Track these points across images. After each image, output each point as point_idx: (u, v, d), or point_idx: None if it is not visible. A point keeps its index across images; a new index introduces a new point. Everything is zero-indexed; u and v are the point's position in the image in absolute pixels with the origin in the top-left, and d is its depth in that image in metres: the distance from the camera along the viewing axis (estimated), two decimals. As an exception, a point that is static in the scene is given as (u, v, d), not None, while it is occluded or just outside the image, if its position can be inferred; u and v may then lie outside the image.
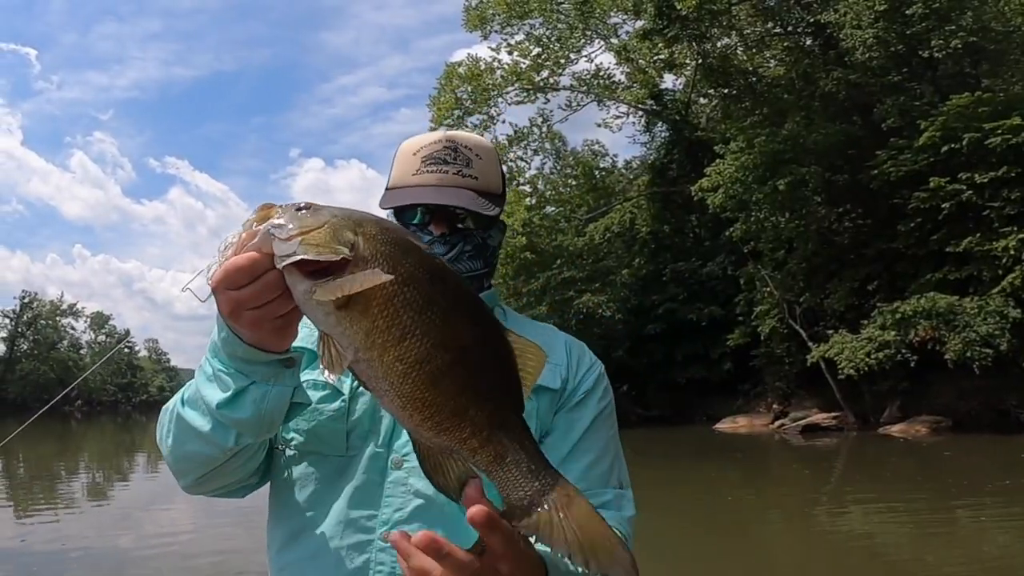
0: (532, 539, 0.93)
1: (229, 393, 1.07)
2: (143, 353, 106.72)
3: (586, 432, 1.32)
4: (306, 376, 1.21)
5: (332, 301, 0.81)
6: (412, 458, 1.22)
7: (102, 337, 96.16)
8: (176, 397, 1.21)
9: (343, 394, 1.27)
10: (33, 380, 78.77)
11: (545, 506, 0.88)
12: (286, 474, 1.32)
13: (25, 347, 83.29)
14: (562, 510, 0.88)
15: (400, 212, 1.38)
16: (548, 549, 0.90)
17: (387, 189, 1.41)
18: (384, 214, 1.37)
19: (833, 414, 22.08)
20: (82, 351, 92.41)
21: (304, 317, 0.92)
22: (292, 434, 1.29)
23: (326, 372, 0.84)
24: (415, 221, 1.35)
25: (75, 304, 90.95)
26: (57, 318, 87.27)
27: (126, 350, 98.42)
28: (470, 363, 0.86)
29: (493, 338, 0.89)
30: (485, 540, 0.88)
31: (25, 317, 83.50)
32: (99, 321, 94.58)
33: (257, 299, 0.89)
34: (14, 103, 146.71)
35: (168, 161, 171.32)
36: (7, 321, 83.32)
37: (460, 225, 1.34)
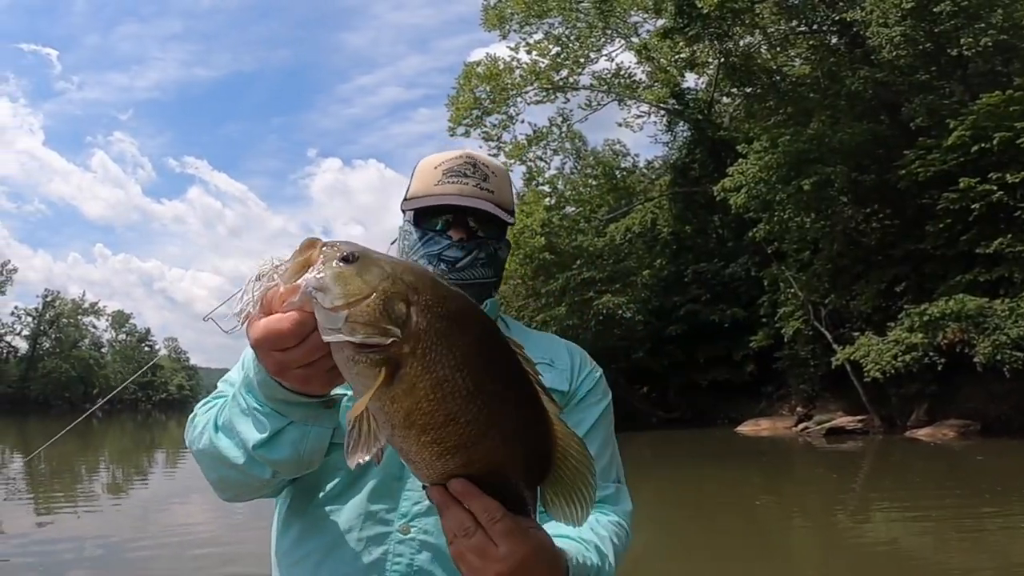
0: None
1: (266, 434, 1.07)
2: (163, 352, 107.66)
3: (589, 431, 1.37)
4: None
5: (375, 378, 0.77)
6: None
7: (123, 336, 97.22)
8: (207, 416, 1.23)
9: None
10: (55, 378, 79.80)
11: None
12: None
13: (47, 345, 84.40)
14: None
15: (421, 218, 1.44)
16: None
17: (406, 199, 1.48)
18: (405, 217, 1.47)
19: (858, 417, 21.75)
20: (103, 349, 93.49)
21: None
22: None
23: (349, 457, 0.80)
24: (437, 228, 1.41)
25: (96, 303, 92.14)
26: (79, 317, 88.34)
27: (146, 349, 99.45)
28: (508, 450, 0.84)
29: (537, 421, 0.86)
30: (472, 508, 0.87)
31: (47, 316, 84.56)
32: (120, 320, 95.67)
33: (306, 359, 0.87)
34: (36, 103, 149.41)
35: (187, 161, 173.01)
36: (30, 319, 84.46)
37: (476, 232, 1.41)
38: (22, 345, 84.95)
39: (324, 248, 0.80)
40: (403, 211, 1.49)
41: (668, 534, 9.04)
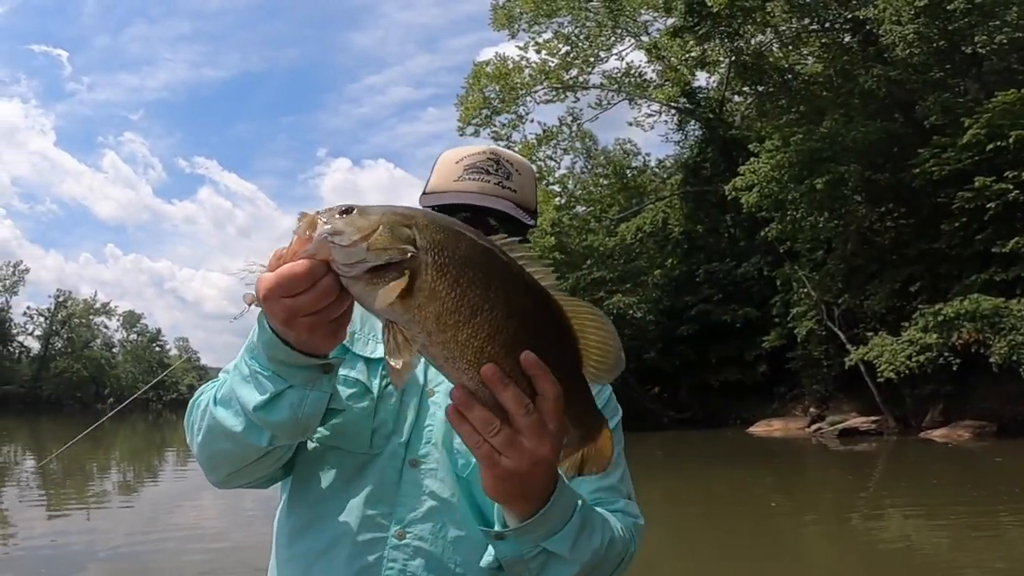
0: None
1: (267, 396, 1.08)
2: (173, 352, 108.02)
3: None
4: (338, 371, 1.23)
5: (399, 292, 0.85)
6: (429, 460, 1.29)
7: (134, 336, 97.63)
8: (207, 395, 1.23)
9: (372, 393, 1.31)
10: (67, 378, 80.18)
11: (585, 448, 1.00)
12: (306, 466, 1.33)
13: (59, 345, 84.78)
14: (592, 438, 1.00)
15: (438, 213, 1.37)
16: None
17: (424, 193, 1.47)
18: None
19: (872, 418, 21.54)
20: (114, 349, 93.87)
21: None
22: (319, 428, 1.28)
23: (390, 359, 0.88)
24: None
25: (108, 303, 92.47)
26: (90, 317, 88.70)
27: (157, 349, 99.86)
28: (533, 328, 0.91)
29: (546, 303, 0.93)
30: (537, 385, 0.91)
31: (59, 316, 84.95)
32: (131, 320, 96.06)
33: (315, 305, 0.90)
34: (47, 104, 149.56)
35: (197, 161, 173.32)
36: (42, 320, 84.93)
37: (496, 232, 1.35)
38: (34, 345, 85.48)
39: (322, 212, 0.89)
40: (421, 205, 1.44)
41: (679, 535, 8.99)
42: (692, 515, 10.55)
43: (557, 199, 30.80)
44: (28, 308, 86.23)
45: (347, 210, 0.88)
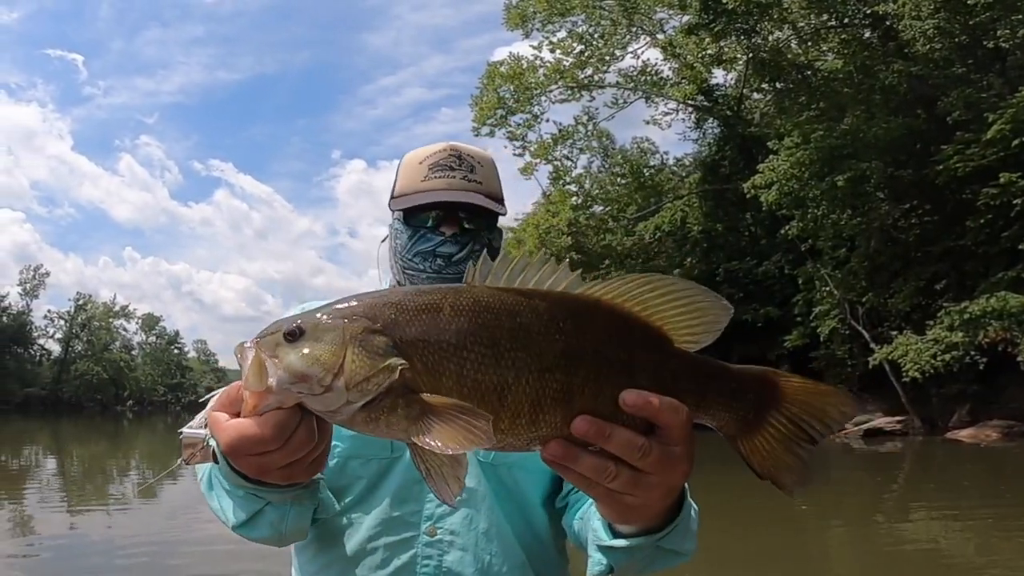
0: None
1: (244, 517, 1.07)
2: (192, 354, 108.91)
3: None
4: None
5: (405, 418, 0.70)
6: None
7: (153, 338, 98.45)
8: (204, 470, 1.17)
9: None
10: (87, 380, 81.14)
11: (757, 413, 0.80)
12: (330, 478, 1.31)
13: (79, 348, 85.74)
14: (775, 405, 0.80)
15: (410, 216, 1.41)
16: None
17: (393, 197, 1.45)
18: (394, 216, 1.45)
19: (898, 418, 21.28)
20: (133, 352, 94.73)
21: None
22: (336, 442, 1.27)
23: (440, 495, 0.72)
24: (427, 224, 1.38)
25: (127, 306, 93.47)
26: (110, 320, 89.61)
27: (176, 352, 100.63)
28: (585, 359, 0.74)
29: (588, 315, 0.75)
30: (649, 417, 0.75)
31: (79, 319, 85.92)
32: (150, 322, 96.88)
33: (290, 458, 0.79)
34: (64, 108, 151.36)
35: (212, 164, 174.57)
36: (62, 323, 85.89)
37: (467, 225, 1.38)
38: (55, 348, 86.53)
39: (260, 342, 0.73)
40: (391, 209, 1.46)
41: (699, 538, 8.82)
42: (713, 518, 10.26)
43: (574, 199, 30.60)
44: (49, 311, 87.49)
45: (293, 333, 0.72)
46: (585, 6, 29.12)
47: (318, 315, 0.74)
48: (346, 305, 0.75)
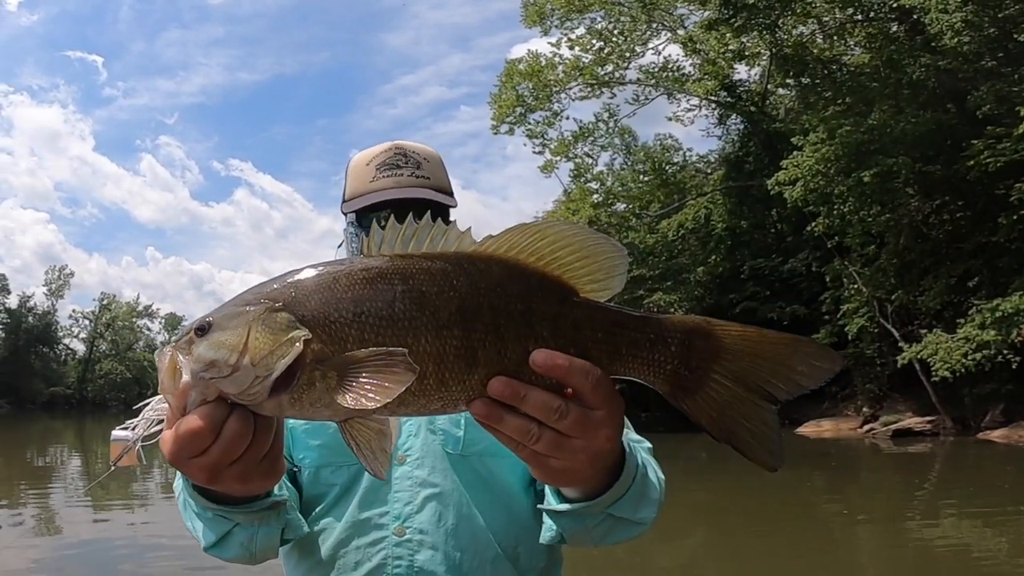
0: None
1: (214, 539, 1.09)
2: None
3: None
4: None
5: (326, 391, 0.72)
6: (413, 451, 1.31)
7: (175, 338, 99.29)
8: (179, 491, 1.17)
9: None
10: (111, 380, 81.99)
11: (690, 364, 0.76)
12: (304, 487, 1.35)
13: (103, 347, 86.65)
14: (713, 355, 0.76)
15: (361, 217, 1.44)
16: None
17: (344, 201, 1.48)
18: (347, 219, 1.48)
19: (928, 418, 20.88)
20: (156, 351, 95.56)
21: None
22: (303, 453, 1.34)
23: (369, 467, 0.75)
24: (381, 224, 1.22)
25: (150, 305, 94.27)
26: (133, 319, 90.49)
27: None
28: (483, 313, 0.74)
29: (483, 271, 0.75)
30: (559, 379, 0.74)
31: (104, 319, 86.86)
32: (173, 322, 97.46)
33: (232, 453, 0.77)
34: (86, 110, 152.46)
35: (232, 163, 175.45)
36: (87, 322, 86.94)
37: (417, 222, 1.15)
38: (80, 347, 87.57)
39: (176, 343, 0.76)
40: (344, 213, 1.49)
41: (725, 539, 8.80)
42: (738, 519, 10.27)
43: (595, 196, 30.37)
44: (73, 311, 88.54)
45: (203, 328, 0.74)
46: (604, 2, 28.85)
47: (225, 307, 0.76)
48: (250, 293, 0.77)
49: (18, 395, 73.17)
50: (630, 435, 1.28)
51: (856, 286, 23.44)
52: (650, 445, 1.29)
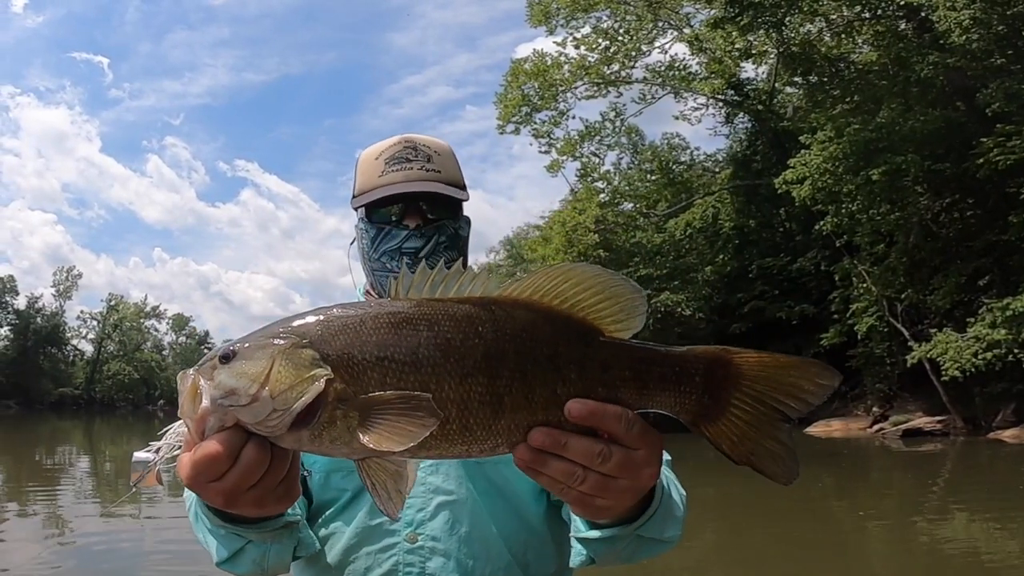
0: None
1: (226, 555, 1.09)
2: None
3: None
4: None
5: (347, 429, 0.73)
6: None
7: (183, 338, 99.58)
8: (191, 497, 1.16)
9: None
10: (119, 380, 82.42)
11: (713, 394, 0.79)
12: (314, 492, 1.33)
13: (111, 348, 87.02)
14: (733, 384, 0.79)
15: (371, 212, 1.41)
16: None
17: (354, 196, 1.46)
18: (357, 215, 1.46)
19: (938, 418, 20.80)
20: (164, 352, 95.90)
21: None
22: (314, 458, 1.30)
23: (386, 509, 0.77)
24: (391, 219, 1.39)
25: (157, 306, 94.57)
26: (141, 320, 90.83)
27: (205, 351, 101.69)
28: (509, 359, 0.76)
29: (507, 317, 0.77)
30: (595, 426, 0.76)
31: (111, 320, 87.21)
32: (180, 323, 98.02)
33: (249, 480, 0.78)
34: (92, 111, 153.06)
35: (238, 164, 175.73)
36: (95, 323, 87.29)
37: (431, 216, 1.37)
38: (88, 348, 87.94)
39: (199, 367, 0.76)
40: (354, 209, 1.46)
41: (734, 539, 8.76)
42: (747, 519, 10.24)
43: (601, 196, 30.29)
44: (81, 312, 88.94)
45: (227, 356, 0.75)
46: (609, 1, 28.75)
47: (251, 337, 0.77)
48: (278, 326, 0.78)
49: (27, 395, 73.62)
50: None
51: (865, 285, 23.32)
52: (669, 457, 1.26)
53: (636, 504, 0.96)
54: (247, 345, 0.76)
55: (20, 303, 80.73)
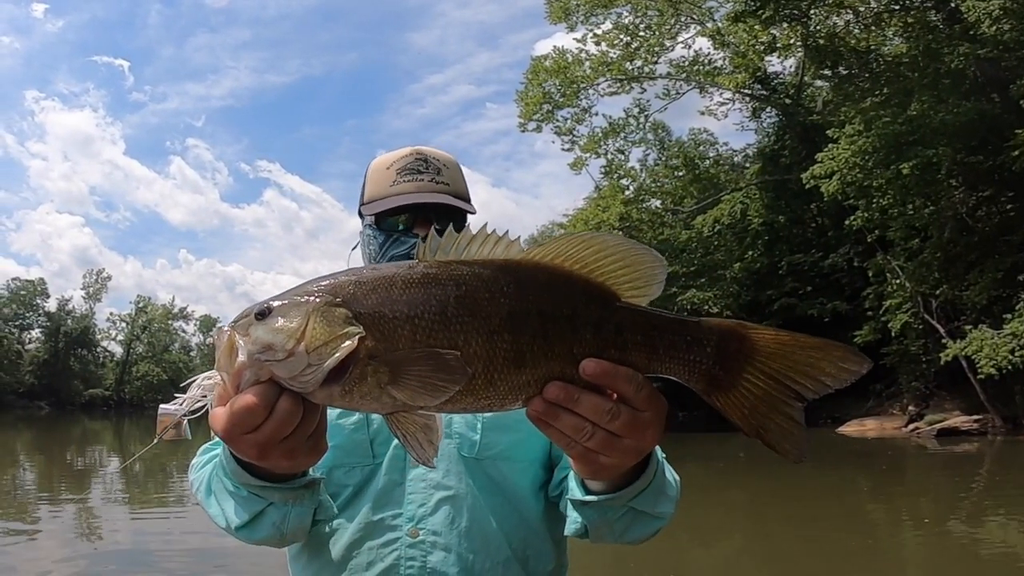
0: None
1: (246, 518, 1.09)
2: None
3: None
4: None
5: (377, 386, 0.78)
6: None
7: (210, 339, 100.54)
8: (204, 474, 1.23)
9: None
10: (148, 381, 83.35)
11: (725, 365, 0.82)
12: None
13: (140, 350, 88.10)
14: (746, 357, 0.82)
15: (381, 220, 1.46)
16: None
17: (364, 204, 1.50)
18: (365, 222, 1.50)
19: (975, 417, 20.31)
20: (191, 353, 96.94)
21: None
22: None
23: (420, 459, 0.81)
24: (399, 228, 1.44)
25: (185, 307, 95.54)
26: (169, 322, 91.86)
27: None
28: (531, 319, 0.80)
29: (531, 278, 0.81)
30: (613, 388, 0.82)
31: (140, 321, 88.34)
32: (207, 324, 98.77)
33: (282, 432, 0.83)
34: (115, 114, 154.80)
35: (259, 164, 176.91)
36: (124, 325, 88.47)
37: (438, 227, 1.38)
38: (117, 350, 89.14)
39: (235, 324, 0.80)
40: (362, 216, 1.51)
41: (764, 542, 8.62)
42: (778, 520, 10.05)
43: (626, 192, 30.02)
44: (111, 314, 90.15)
45: (263, 313, 0.79)
46: (629, -4, 28.54)
47: (286, 295, 0.81)
48: (311, 285, 0.81)
49: (58, 397, 74.80)
50: None
51: (899, 281, 22.86)
52: (664, 455, 1.29)
53: (633, 470, 1.01)
54: (283, 303, 0.79)
55: (51, 306, 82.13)
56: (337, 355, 0.75)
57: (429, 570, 1.27)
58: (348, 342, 0.75)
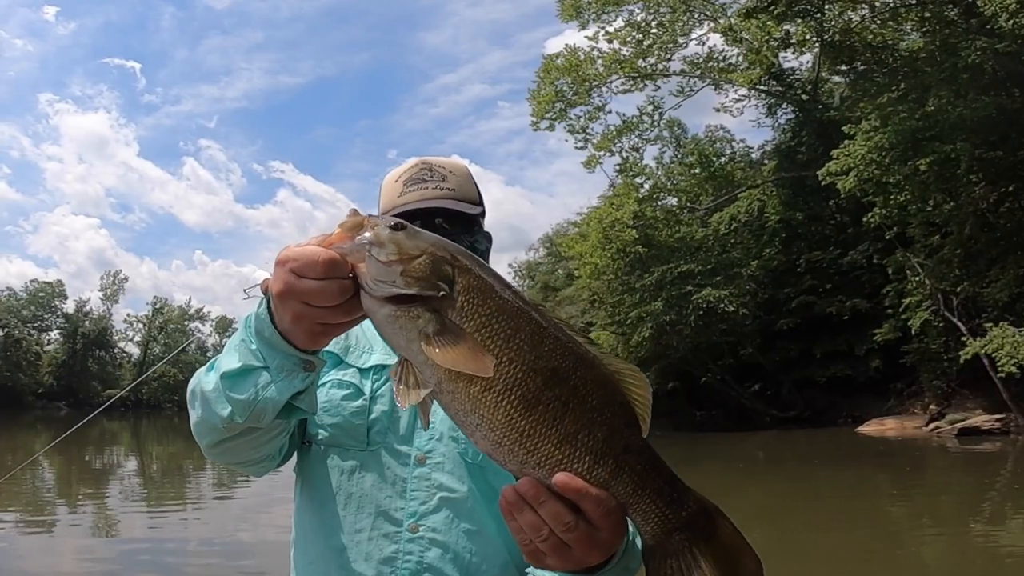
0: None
1: (239, 365, 1.10)
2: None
3: None
4: (330, 376, 1.41)
5: (420, 330, 0.84)
6: (435, 454, 1.37)
7: (226, 340, 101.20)
8: (202, 369, 1.26)
9: (364, 393, 1.40)
10: (165, 382, 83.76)
11: (686, 535, 0.88)
12: (313, 467, 1.41)
13: (157, 351, 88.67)
14: (704, 538, 0.89)
15: None
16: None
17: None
18: None
19: (997, 416, 20.03)
20: (208, 353, 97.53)
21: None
22: (318, 429, 1.40)
23: (399, 399, 0.86)
24: None
25: (201, 308, 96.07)
26: (185, 323, 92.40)
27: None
28: (567, 386, 0.86)
29: (589, 362, 0.88)
30: (580, 504, 0.86)
31: (157, 322, 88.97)
32: (223, 325, 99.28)
33: (315, 298, 0.90)
34: (129, 115, 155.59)
35: (272, 165, 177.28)
36: (141, 326, 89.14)
37: (448, 229, 1.45)
38: (134, 351, 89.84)
39: (373, 217, 0.90)
40: None
41: (783, 542, 8.53)
42: (797, 520, 10.00)
43: (641, 190, 29.84)
44: (128, 315, 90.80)
45: (398, 226, 0.87)
46: (640, -7, 28.34)
47: (423, 231, 0.90)
48: (444, 242, 0.90)
49: (76, 397, 75.47)
50: None
51: (919, 278, 22.62)
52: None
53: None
54: (417, 232, 0.88)
55: (69, 307, 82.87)
56: (411, 291, 0.83)
57: (426, 566, 1.31)
58: (430, 293, 0.84)
